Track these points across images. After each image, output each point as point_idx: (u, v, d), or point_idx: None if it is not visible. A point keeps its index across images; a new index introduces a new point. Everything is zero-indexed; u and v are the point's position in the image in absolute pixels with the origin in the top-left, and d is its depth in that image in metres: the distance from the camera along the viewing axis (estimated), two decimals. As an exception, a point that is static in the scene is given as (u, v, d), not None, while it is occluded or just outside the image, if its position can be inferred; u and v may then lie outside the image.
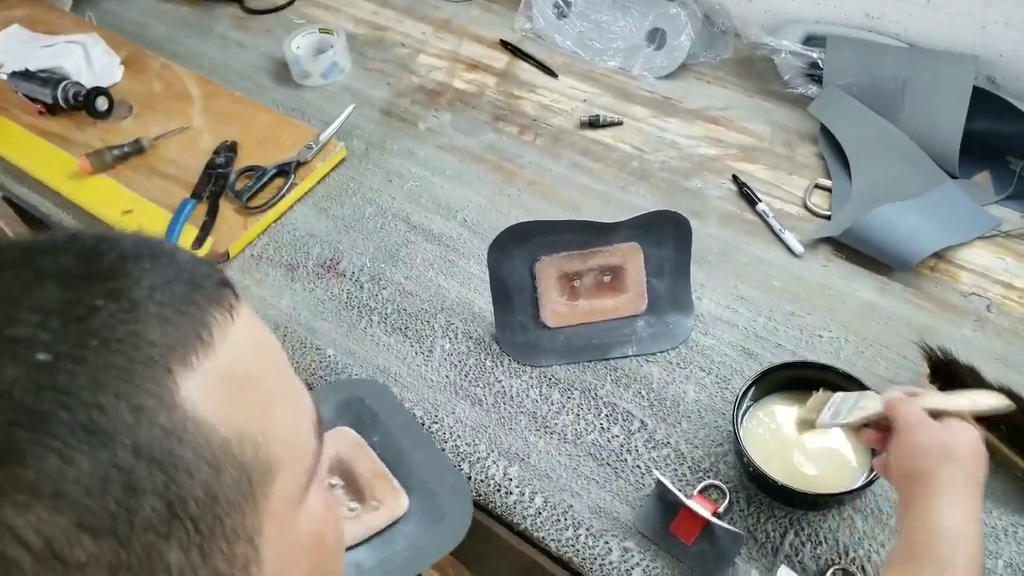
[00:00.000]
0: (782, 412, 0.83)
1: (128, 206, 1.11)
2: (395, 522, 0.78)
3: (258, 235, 1.09)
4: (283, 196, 1.10)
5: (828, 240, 1.00)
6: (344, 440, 0.82)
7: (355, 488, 0.80)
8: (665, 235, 0.92)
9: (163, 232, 1.06)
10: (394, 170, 1.15)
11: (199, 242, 1.06)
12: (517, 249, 0.91)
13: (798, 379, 0.83)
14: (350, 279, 1.02)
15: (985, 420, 0.70)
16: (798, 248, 1.00)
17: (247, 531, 0.31)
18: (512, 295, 0.93)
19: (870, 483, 0.74)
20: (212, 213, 1.09)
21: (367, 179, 1.15)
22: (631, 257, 0.93)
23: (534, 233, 0.91)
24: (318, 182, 1.15)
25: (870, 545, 0.76)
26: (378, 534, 0.77)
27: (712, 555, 0.76)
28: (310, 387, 0.95)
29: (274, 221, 1.10)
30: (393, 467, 0.81)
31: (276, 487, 0.32)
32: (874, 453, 0.76)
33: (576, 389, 0.90)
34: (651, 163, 1.13)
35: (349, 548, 0.75)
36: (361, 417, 0.85)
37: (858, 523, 0.77)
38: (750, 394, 0.82)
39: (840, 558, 0.75)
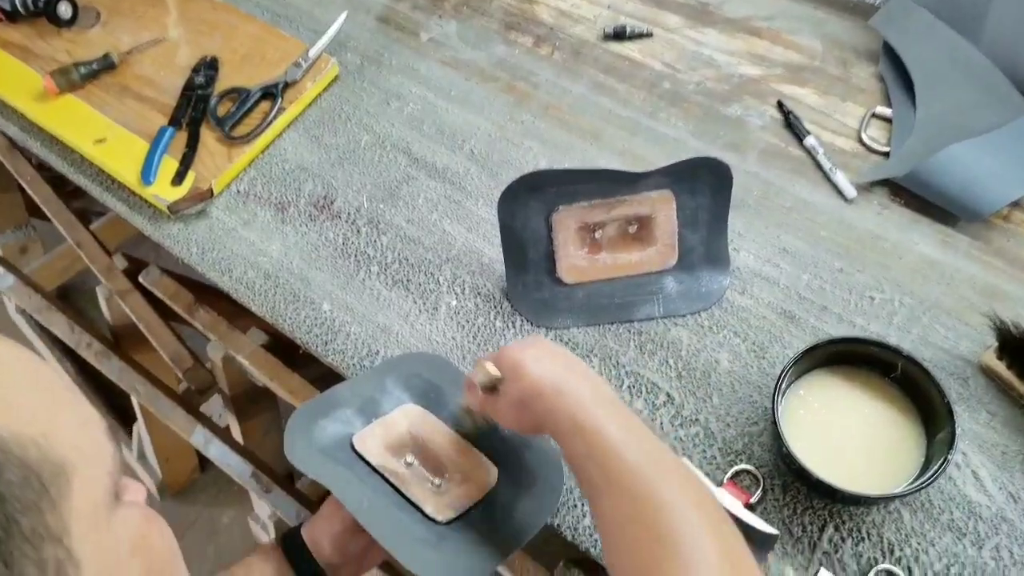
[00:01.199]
0: (826, 391, 0.74)
1: (101, 134, 1.00)
2: (488, 495, 0.71)
3: (244, 168, 0.98)
4: (270, 123, 0.98)
5: (885, 183, 0.88)
6: (412, 416, 0.75)
7: (435, 464, 0.72)
8: (702, 182, 0.80)
9: (132, 162, 0.95)
10: (392, 90, 1.02)
11: (179, 177, 0.95)
12: (532, 199, 0.80)
13: (847, 353, 0.74)
14: (346, 221, 0.92)
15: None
16: (850, 191, 0.88)
17: (51, 531, 0.33)
18: (526, 248, 0.83)
19: (930, 481, 0.66)
20: (192, 143, 0.98)
21: (363, 102, 1.02)
22: (662, 206, 0.82)
23: (551, 183, 0.79)
24: (308, 105, 1.02)
25: (919, 543, 0.69)
26: (472, 509, 0.71)
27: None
28: (332, 373, 0.87)
29: (261, 152, 0.99)
30: (471, 440, 0.74)
31: (75, 487, 0.34)
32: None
33: (596, 356, 0.81)
34: (685, 84, 0.99)
35: (450, 521, 0.68)
36: (425, 393, 0.77)
37: (905, 518, 0.70)
38: (790, 374, 0.73)
39: (884, 557, 0.68)
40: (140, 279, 1.19)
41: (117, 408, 1.57)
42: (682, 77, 1.00)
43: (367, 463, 0.71)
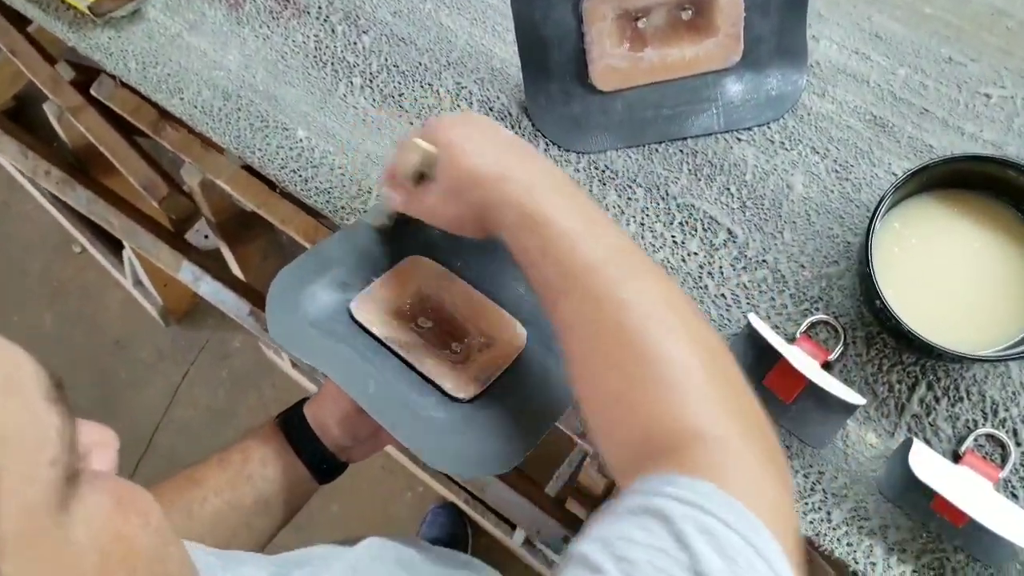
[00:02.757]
0: (930, 223, 0.59)
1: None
2: (517, 360, 0.59)
3: (179, -51, 0.75)
4: None
5: (1014, -66, 0.67)
6: (421, 270, 0.60)
7: (452, 327, 0.59)
8: (780, -51, 0.59)
9: (42, -46, 0.73)
10: None
11: (97, -33, 0.73)
12: (555, -18, 0.60)
13: (960, 174, 0.58)
14: (316, 18, 0.72)
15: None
16: (967, -51, 0.67)
17: None
18: (548, 48, 0.64)
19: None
20: (107, -83, 0.74)
21: None
22: (725, -16, 0.61)
23: (582, -42, 0.59)
24: None
25: (1027, 403, 0.58)
26: (503, 377, 0.58)
27: (817, 416, 0.58)
28: (325, 221, 0.72)
29: (199, -76, 0.76)
30: (493, 295, 0.60)
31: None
32: None
33: (639, 185, 0.65)
34: None
35: (474, 398, 0.57)
36: (433, 241, 0.61)
37: (1013, 372, 0.58)
38: (887, 199, 0.58)
39: (986, 419, 0.58)
40: (92, 92, 0.99)
41: (103, 232, 1.42)
42: None
43: (371, 334, 0.58)
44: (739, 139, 0.65)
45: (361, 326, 0.57)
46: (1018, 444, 0.57)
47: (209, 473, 0.55)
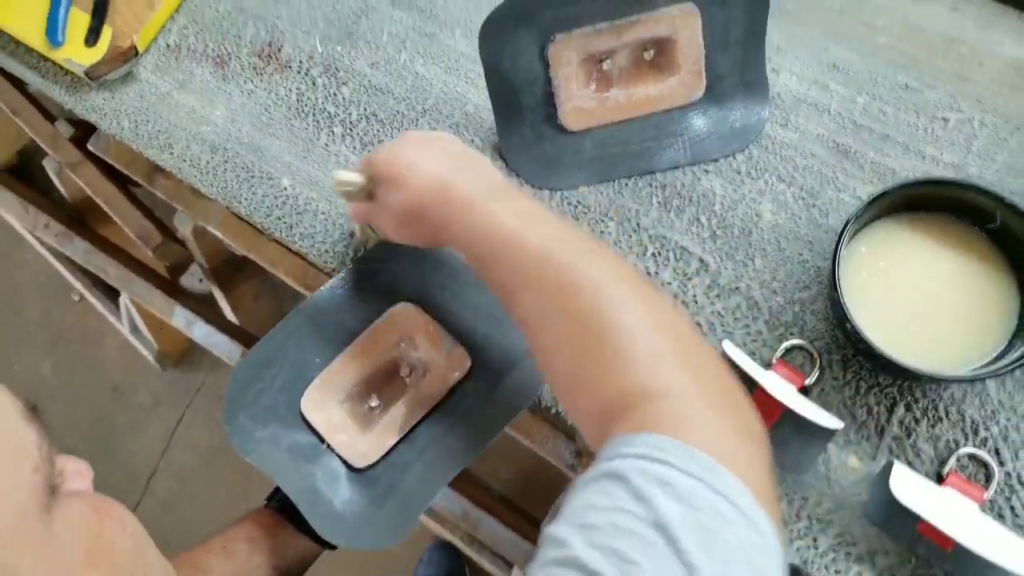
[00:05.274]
0: (895, 246, 0.58)
1: (-7, -16, 0.78)
2: (457, 385, 0.59)
3: (170, 15, 0.76)
4: (192, -46, 0.76)
5: (962, -33, 0.67)
6: (405, 317, 0.61)
7: (424, 368, 0.60)
8: (734, -13, 0.59)
9: (37, 20, 0.74)
10: (339, -101, 0.78)
11: (94, 34, 0.74)
12: (521, 28, 0.60)
13: (922, 198, 0.57)
14: (298, 72, 0.72)
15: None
16: (918, -17, 0.67)
17: None
18: (518, 93, 0.64)
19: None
20: (102, -12, 0.76)
21: (304, -84, 0.78)
22: (684, 24, 0.61)
23: (544, 4, 0.59)
24: (238, -74, 0.79)
25: (1008, 419, 0.55)
26: (440, 405, 0.59)
27: (796, 443, 0.56)
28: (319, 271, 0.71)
29: (188, -8, 0.77)
30: (455, 328, 0.61)
31: None
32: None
33: (611, 219, 0.64)
34: None
35: (409, 432, 0.58)
36: (427, 289, 0.62)
37: (991, 390, 0.56)
38: (852, 225, 0.56)
39: (967, 439, 0.55)
40: (89, 147, 1.00)
41: (100, 280, 1.43)
42: None
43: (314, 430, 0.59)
44: (706, 171, 0.64)
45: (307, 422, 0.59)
46: (1001, 464, 0.54)
47: (214, 562, 0.54)
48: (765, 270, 0.61)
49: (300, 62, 0.73)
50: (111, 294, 1.43)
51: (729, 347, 0.56)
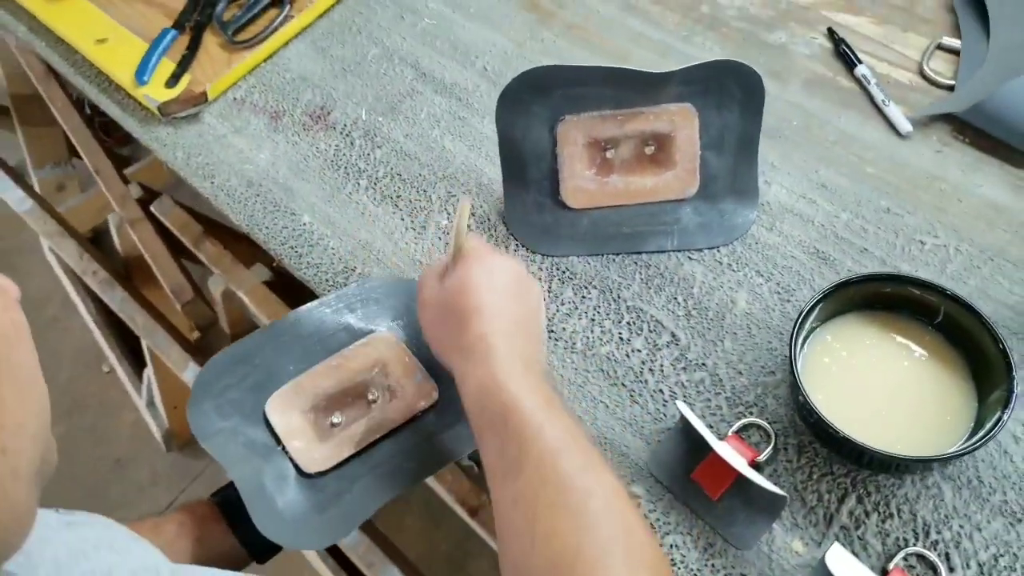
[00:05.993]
0: (858, 338, 0.59)
1: (103, 34, 0.90)
2: (421, 414, 0.61)
3: (243, 76, 0.87)
4: (275, 30, 0.88)
5: (947, 118, 0.73)
6: (385, 343, 0.64)
7: (391, 393, 0.63)
8: (729, 96, 0.66)
9: (131, 63, 0.85)
10: (408, 4, 0.91)
11: (174, 79, 0.85)
12: (535, 103, 0.68)
13: (884, 296, 0.59)
14: (341, 133, 0.81)
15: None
16: (905, 126, 0.73)
17: None
18: (526, 164, 0.70)
19: (980, 443, 0.51)
20: (193, 46, 0.88)
21: (376, 15, 0.90)
22: (683, 123, 0.68)
23: (557, 83, 0.66)
24: (319, 16, 0.91)
25: (961, 526, 0.54)
26: (400, 428, 0.61)
27: (743, 516, 0.55)
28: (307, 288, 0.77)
29: (264, 60, 0.88)
30: (429, 364, 0.64)
31: None
32: (991, 402, 0.53)
33: (595, 287, 0.68)
34: (725, 9, 0.85)
35: (365, 448, 0.60)
36: (411, 322, 0.67)
37: (947, 494, 0.55)
38: (816, 312, 0.59)
39: (917, 538, 0.54)
40: (152, 208, 1.10)
41: (133, 352, 1.49)
42: (723, 2, 0.86)
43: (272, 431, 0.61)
44: (690, 258, 0.68)
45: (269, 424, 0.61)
46: (951, 570, 0.52)
47: (144, 534, 0.55)
48: (733, 352, 0.63)
49: (344, 125, 0.81)
50: (138, 367, 1.49)
51: (683, 406, 0.57)
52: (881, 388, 0.57)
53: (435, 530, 1.53)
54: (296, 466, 0.59)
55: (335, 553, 0.87)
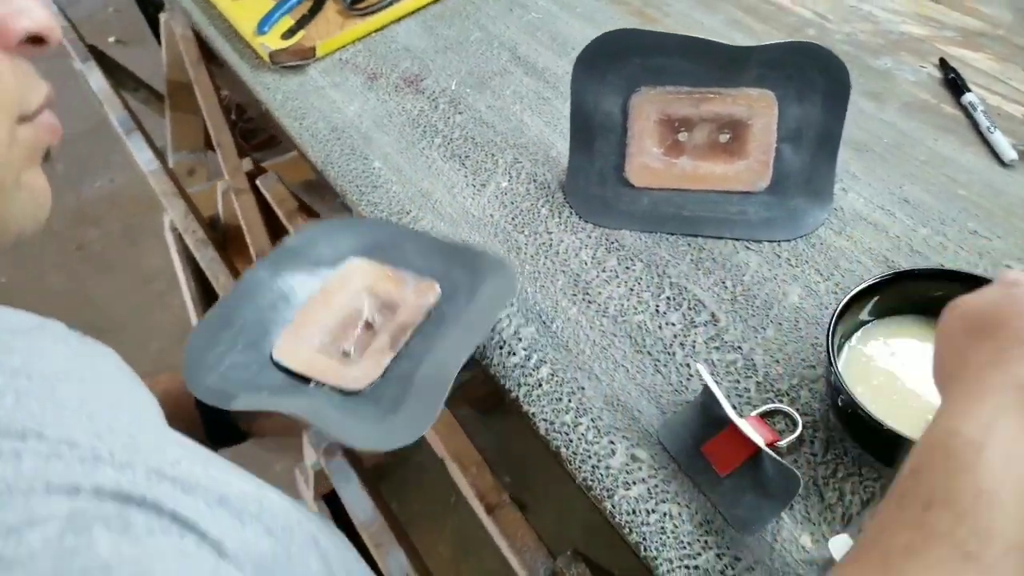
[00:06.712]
0: (912, 341, 0.54)
1: (239, -7, 1.00)
2: (432, 310, 0.61)
3: (352, 41, 0.93)
4: (390, 4, 0.93)
5: (1058, 152, 0.67)
6: (361, 270, 0.64)
7: (391, 309, 0.63)
8: (811, 86, 0.64)
9: (258, 18, 0.93)
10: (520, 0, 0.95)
11: (290, 33, 0.91)
12: (610, 71, 0.68)
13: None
14: (428, 97, 0.84)
15: None
16: (1010, 154, 0.68)
17: None
18: (595, 134, 0.70)
19: None
20: (315, 9, 0.95)
21: (487, 5, 0.95)
22: (761, 110, 0.66)
23: (634, 49, 0.67)
24: (435, 1, 0.97)
25: (1002, 556, 0.47)
26: (421, 327, 0.60)
27: (750, 498, 0.50)
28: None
29: (375, 31, 0.94)
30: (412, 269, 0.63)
31: None
32: None
33: (640, 260, 0.66)
34: (832, 33, 0.84)
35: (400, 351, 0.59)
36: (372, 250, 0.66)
37: (992, 521, 0.48)
38: (869, 307, 0.54)
39: (947, 560, 0.47)
40: (257, 182, 1.18)
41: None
42: (831, 27, 0.84)
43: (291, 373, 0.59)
44: (747, 247, 0.65)
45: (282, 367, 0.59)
46: (985, 603, 0.45)
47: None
48: (774, 341, 0.59)
49: (434, 92, 0.84)
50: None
51: (702, 368, 0.53)
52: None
53: (463, 560, 1.48)
54: (340, 391, 0.56)
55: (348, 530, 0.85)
